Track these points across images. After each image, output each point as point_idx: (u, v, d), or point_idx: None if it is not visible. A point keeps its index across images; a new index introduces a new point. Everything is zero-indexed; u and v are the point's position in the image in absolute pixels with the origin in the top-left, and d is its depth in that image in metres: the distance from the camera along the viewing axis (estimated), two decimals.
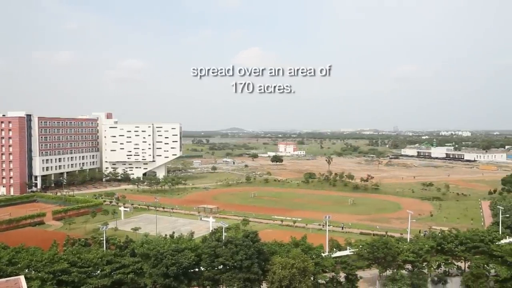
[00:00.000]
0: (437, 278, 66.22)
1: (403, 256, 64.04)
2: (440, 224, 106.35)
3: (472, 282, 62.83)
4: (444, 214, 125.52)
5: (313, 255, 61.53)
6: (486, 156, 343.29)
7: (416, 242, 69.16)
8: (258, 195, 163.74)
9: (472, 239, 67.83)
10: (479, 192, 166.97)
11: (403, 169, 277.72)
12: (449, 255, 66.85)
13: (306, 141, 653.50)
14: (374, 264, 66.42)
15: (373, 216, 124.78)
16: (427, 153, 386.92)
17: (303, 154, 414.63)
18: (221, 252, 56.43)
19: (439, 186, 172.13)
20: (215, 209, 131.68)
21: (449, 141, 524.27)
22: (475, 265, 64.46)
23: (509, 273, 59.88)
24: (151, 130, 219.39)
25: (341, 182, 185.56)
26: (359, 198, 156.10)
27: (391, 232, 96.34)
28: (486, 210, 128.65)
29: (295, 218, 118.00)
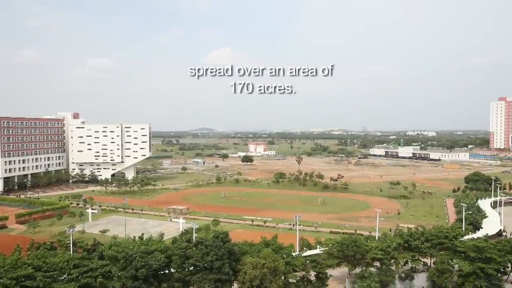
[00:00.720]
0: (404, 274, 67.72)
1: (371, 254, 65.18)
2: (407, 222, 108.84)
3: (437, 278, 64.64)
4: (411, 212, 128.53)
5: (284, 255, 61.85)
6: (450, 155, 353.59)
7: (384, 240, 70.60)
8: (229, 195, 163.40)
9: (437, 235, 69.85)
10: (444, 190, 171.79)
11: (372, 168, 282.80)
12: (415, 251, 68.52)
13: (276, 141, 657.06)
14: (343, 262, 67.35)
15: (343, 215, 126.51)
16: (394, 152, 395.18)
17: (273, 154, 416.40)
18: (192, 253, 55.99)
19: (406, 185, 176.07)
20: (185, 210, 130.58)
21: (415, 141, 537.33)
22: (440, 261, 66.31)
23: (471, 267, 61.86)
24: (119, 130, 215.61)
25: (311, 181, 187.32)
26: (329, 197, 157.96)
27: (360, 231, 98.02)
28: (450, 207, 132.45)
29: (266, 218, 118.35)
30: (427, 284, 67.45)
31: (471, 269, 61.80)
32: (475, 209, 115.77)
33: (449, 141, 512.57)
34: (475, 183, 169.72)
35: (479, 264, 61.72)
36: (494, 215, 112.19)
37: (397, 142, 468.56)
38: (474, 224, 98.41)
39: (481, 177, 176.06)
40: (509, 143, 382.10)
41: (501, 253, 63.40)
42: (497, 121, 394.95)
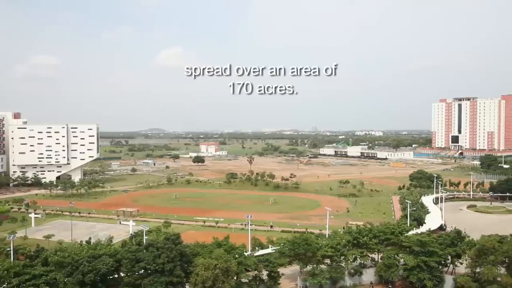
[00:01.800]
0: (354, 270, 69.61)
1: (322, 252, 66.50)
2: (356, 219, 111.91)
3: (384, 272, 67.06)
4: (360, 210, 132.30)
5: (236, 255, 61.82)
6: (396, 154, 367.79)
7: (334, 237, 72.23)
8: (180, 196, 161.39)
9: (384, 232, 72.44)
10: (390, 188, 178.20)
11: (322, 167, 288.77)
12: (364, 248, 70.63)
13: (228, 142, 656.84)
14: (295, 260, 68.26)
15: (294, 214, 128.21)
16: (343, 152, 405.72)
17: (225, 154, 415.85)
18: (142, 256, 54.78)
19: (355, 183, 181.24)
20: (135, 212, 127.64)
21: (363, 141, 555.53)
22: (387, 256, 68.80)
23: (415, 261, 64.65)
24: (65, 131, 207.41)
25: (263, 181, 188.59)
26: (280, 196, 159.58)
27: (311, 229, 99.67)
28: (396, 204, 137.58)
29: (218, 219, 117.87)
30: (374, 278, 69.74)
31: (415, 263, 64.57)
32: (419, 205, 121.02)
33: (395, 141, 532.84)
34: (419, 181, 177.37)
35: (423, 257, 64.61)
36: (436, 211, 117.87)
37: (346, 142, 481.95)
38: (418, 220, 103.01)
39: (424, 174, 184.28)
40: (449, 142, 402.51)
41: (442, 246, 66.74)
42: (438, 121, 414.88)
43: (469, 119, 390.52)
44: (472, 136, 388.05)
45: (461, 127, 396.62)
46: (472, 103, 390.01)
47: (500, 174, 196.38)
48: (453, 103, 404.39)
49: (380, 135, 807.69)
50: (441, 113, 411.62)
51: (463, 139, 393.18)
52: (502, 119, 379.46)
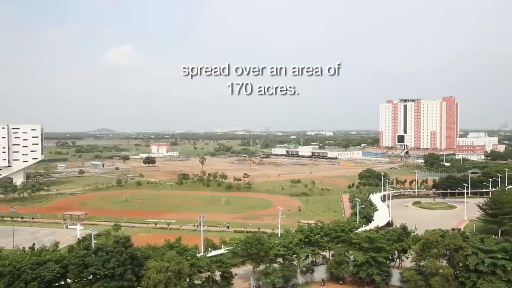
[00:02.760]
0: (306, 268, 70.70)
1: (274, 251, 67.05)
2: (307, 218, 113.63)
3: (335, 269, 68.63)
4: (311, 209, 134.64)
5: (188, 256, 61.14)
6: (346, 153, 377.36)
7: (286, 236, 73.02)
8: (130, 198, 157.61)
9: (335, 230, 74.04)
10: (340, 187, 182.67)
11: (274, 167, 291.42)
12: (315, 246, 71.84)
13: (179, 142, 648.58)
14: (248, 260, 68.39)
15: (246, 214, 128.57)
16: (295, 152, 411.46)
17: (176, 155, 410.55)
18: (91, 261, 52.94)
19: (306, 183, 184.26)
20: (83, 216, 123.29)
21: (314, 141, 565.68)
22: (338, 253, 70.44)
23: (365, 257, 66.64)
24: (5, 132, 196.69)
25: (215, 182, 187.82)
26: (233, 197, 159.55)
27: (263, 229, 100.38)
28: (346, 202, 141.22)
29: (170, 220, 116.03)
30: (326, 275, 71.16)
31: (365, 259, 66.61)
32: (367, 203, 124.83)
33: (345, 141, 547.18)
34: (368, 179, 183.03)
35: (371, 253, 66.73)
36: (384, 208, 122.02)
37: (297, 142, 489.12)
38: (367, 217, 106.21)
39: (373, 173, 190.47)
40: (395, 142, 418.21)
41: (390, 242, 69.17)
42: (385, 121, 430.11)
43: (414, 119, 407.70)
44: (417, 135, 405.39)
45: (406, 127, 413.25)
46: (417, 104, 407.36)
47: (442, 172, 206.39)
48: (399, 104, 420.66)
49: (330, 135, 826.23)
50: (388, 113, 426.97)
51: (409, 138, 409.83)
52: (443, 119, 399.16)
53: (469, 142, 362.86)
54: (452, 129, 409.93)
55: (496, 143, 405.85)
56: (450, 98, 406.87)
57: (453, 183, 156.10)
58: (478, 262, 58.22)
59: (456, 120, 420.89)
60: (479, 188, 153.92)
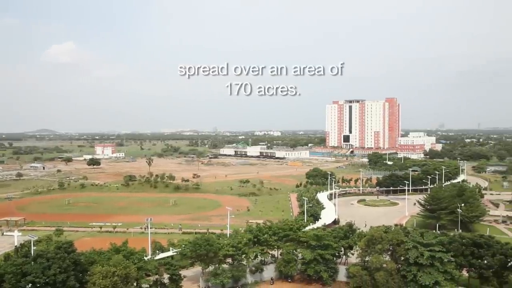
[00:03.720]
0: (255, 267, 71.06)
1: (224, 251, 66.93)
2: (256, 218, 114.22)
3: (284, 267, 69.53)
4: (260, 208, 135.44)
5: (136, 260, 59.74)
6: (294, 153, 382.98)
7: (235, 236, 73.06)
8: (74, 201, 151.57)
9: (283, 229, 74.99)
10: (288, 186, 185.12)
11: (222, 167, 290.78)
12: (264, 245, 72.43)
13: (125, 143, 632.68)
14: (197, 261, 67.88)
15: (195, 215, 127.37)
16: (243, 152, 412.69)
17: (122, 156, 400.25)
18: (30, 269, 50.36)
19: (254, 183, 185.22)
20: (21, 221, 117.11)
21: (262, 141, 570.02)
22: (286, 251, 71.44)
23: (312, 255, 67.99)
24: None
25: (162, 183, 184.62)
26: (181, 198, 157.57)
27: (212, 229, 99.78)
28: (294, 201, 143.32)
29: (116, 223, 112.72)
30: (275, 274, 71.89)
31: (312, 256, 67.97)
32: (315, 201, 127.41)
33: (292, 141, 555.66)
34: (315, 178, 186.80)
35: (319, 251, 68.23)
36: (330, 206, 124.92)
37: (246, 142, 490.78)
38: (314, 216, 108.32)
39: (319, 172, 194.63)
40: (341, 142, 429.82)
41: (336, 239, 71.00)
42: (331, 122, 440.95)
43: (359, 120, 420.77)
44: (361, 135, 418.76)
45: (351, 127, 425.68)
46: (361, 105, 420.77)
47: (385, 170, 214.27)
48: (345, 105, 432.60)
49: (278, 135, 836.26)
50: (334, 114, 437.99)
51: (354, 138, 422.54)
52: (386, 120, 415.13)
53: (410, 141, 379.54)
54: (394, 129, 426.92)
55: (434, 143, 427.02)
56: (392, 100, 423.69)
57: (395, 181, 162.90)
58: (418, 255, 61.00)
59: (398, 121, 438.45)
60: (419, 185, 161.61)
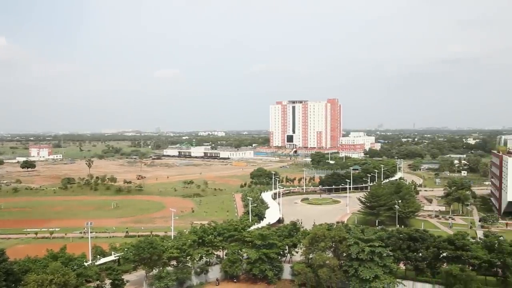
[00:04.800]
0: (200, 269, 70.48)
1: (168, 253, 65.80)
2: (201, 219, 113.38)
3: (229, 268, 69.52)
4: (204, 209, 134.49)
5: (75, 266, 57.40)
6: (238, 153, 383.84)
7: (180, 238, 72.05)
8: (5, 207, 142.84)
9: (228, 229, 74.95)
10: (233, 186, 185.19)
11: (166, 168, 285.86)
12: (209, 246, 72.02)
13: (63, 144, 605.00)
14: (140, 265, 66.24)
15: (138, 218, 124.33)
16: (187, 152, 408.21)
17: (60, 158, 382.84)
18: None
19: (199, 183, 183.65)
20: None
21: (206, 141, 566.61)
22: (231, 251, 71.42)
23: (257, 254, 68.45)
24: None
25: (103, 185, 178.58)
26: (123, 200, 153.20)
27: (156, 232, 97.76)
28: (239, 201, 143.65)
29: (53, 229, 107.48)
30: (220, 275, 71.70)
31: (257, 256, 68.48)
32: (259, 201, 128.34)
33: (237, 141, 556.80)
34: (259, 178, 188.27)
35: (264, 250, 68.86)
36: (275, 205, 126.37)
37: (190, 143, 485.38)
38: (259, 215, 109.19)
39: (264, 172, 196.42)
40: (285, 141, 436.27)
41: (281, 238, 72.02)
42: (275, 122, 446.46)
43: (302, 120, 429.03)
44: (304, 135, 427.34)
45: (295, 127, 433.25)
46: (304, 106, 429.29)
47: (327, 169, 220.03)
48: (288, 105, 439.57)
49: (222, 135, 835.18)
50: (278, 114, 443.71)
51: (297, 138, 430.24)
52: (328, 120, 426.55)
53: (351, 141, 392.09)
54: (336, 129, 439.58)
55: (373, 142, 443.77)
56: (334, 100, 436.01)
57: (337, 179, 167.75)
58: (359, 251, 63.10)
59: (339, 121, 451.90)
60: (359, 183, 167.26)
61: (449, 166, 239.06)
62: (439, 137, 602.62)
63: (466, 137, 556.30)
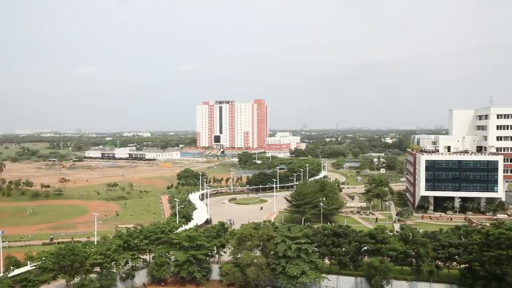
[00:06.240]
0: (125, 274, 68.13)
1: (91, 260, 62.99)
2: (126, 222, 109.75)
3: (156, 271, 67.92)
4: (130, 212, 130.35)
5: None
6: (164, 154, 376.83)
7: (104, 243, 69.17)
8: None
9: (154, 232, 73.31)
10: (159, 188, 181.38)
11: (88, 171, 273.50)
12: (135, 250, 69.89)
13: None
14: (60, 274, 62.55)
15: (57, 224, 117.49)
16: (111, 154, 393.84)
17: None
18: None
19: (123, 186, 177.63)
20: None
21: (131, 142, 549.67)
22: (158, 255, 69.85)
23: (185, 256, 67.57)
24: None
25: (18, 190, 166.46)
26: (41, 206, 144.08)
27: (78, 238, 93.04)
28: (165, 203, 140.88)
29: None
30: (147, 279, 69.85)
31: (185, 258, 67.63)
32: (186, 202, 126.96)
33: (163, 141, 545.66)
34: (186, 179, 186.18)
35: (192, 252, 68.15)
36: (202, 206, 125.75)
37: (114, 144, 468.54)
38: (187, 217, 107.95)
39: (191, 173, 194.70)
40: (212, 142, 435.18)
41: (209, 239, 71.71)
42: (202, 122, 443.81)
43: (229, 120, 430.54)
44: (232, 135, 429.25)
45: (222, 128, 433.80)
46: (231, 106, 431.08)
47: (254, 169, 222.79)
48: (215, 105, 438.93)
49: (148, 136, 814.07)
50: (205, 114, 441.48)
51: (224, 138, 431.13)
52: (255, 120, 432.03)
53: (277, 141, 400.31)
54: (263, 129, 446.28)
55: (298, 142, 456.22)
56: (261, 101, 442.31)
57: (264, 179, 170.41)
58: (286, 248, 64.55)
59: (266, 121, 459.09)
60: (286, 182, 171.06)
61: (369, 164, 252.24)
62: (360, 137, 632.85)
63: (384, 136, 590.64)
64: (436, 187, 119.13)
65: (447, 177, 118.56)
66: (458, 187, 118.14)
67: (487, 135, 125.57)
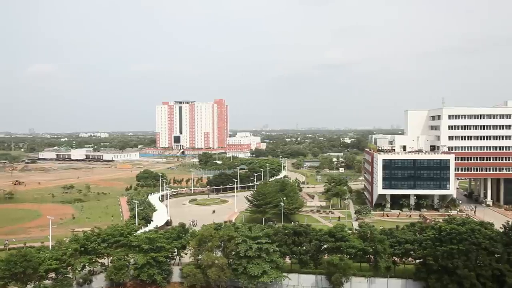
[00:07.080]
0: (83, 279, 66.18)
1: (45, 266, 60.72)
2: (83, 226, 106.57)
3: (115, 275, 66.26)
4: (87, 215, 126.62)
5: None
6: (123, 155, 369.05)
7: (59, 248, 66.82)
8: None
9: (113, 234, 71.53)
10: (118, 190, 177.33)
11: (42, 173, 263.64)
12: (93, 254, 68.01)
13: None
14: (12, 281, 59.91)
15: (8, 229, 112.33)
16: (67, 155, 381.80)
17: None
18: None
19: (80, 188, 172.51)
20: None
21: (88, 143, 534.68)
22: (117, 258, 68.22)
23: (145, 259, 66.37)
24: None
25: None
26: None
27: (31, 243, 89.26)
28: (124, 205, 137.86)
29: None
30: (105, 283, 68.13)
31: (145, 260, 66.46)
32: (146, 204, 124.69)
33: (121, 142, 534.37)
34: (146, 180, 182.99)
35: (152, 254, 67.01)
36: (162, 208, 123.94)
37: (69, 145, 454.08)
38: (146, 218, 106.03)
39: (150, 174, 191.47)
40: (172, 142, 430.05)
41: (169, 240, 70.78)
42: (161, 122, 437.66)
43: (189, 120, 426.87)
44: (192, 136, 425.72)
45: (182, 128, 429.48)
46: (191, 106, 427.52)
47: (215, 170, 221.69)
48: (175, 105, 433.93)
49: (106, 137, 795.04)
50: (164, 115, 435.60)
51: (184, 139, 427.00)
52: (215, 120, 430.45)
53: (238, 141, 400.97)
54: (223, 129, 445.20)
55: (259, 142, 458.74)
56: (221, 101, 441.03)
57: (225, 179, 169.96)
58: (247, 248, 64.68)
59: (226, 121, 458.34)
60: (246, 182, 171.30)
61: (329, 164, 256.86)
62: (320, 137, 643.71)
63: (343, 136, 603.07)
64: (393, 185, 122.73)
65: (403, 176, 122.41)
66: (413, 185, 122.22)
67: (440, 135, 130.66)
